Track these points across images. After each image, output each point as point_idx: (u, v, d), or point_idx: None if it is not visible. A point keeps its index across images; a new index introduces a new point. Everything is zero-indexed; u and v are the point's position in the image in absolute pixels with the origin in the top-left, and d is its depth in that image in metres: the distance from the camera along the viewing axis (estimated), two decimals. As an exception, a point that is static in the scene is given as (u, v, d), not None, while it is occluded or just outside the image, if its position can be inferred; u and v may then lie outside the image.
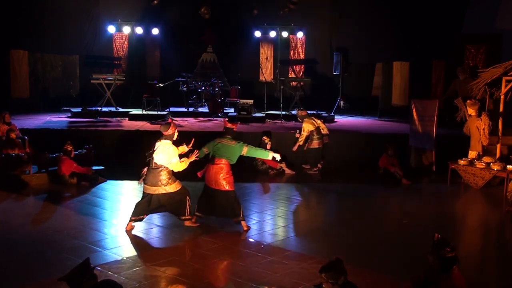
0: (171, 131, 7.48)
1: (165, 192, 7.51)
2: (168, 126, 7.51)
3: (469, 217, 9.53)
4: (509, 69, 10.57)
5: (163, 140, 7.47)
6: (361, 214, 8.91)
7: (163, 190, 7.50)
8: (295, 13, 16.69)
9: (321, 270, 4.21)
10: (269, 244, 7.29)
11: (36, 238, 7.32)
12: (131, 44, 17.41)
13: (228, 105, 16.10)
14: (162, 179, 7.46)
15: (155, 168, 7.45)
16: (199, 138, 12.60)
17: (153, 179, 7.48)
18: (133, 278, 6.02)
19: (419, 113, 12.08)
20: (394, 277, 6.21)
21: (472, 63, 15.61)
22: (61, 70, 17.19)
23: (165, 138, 7.49)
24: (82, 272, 4.10)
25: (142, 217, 7.75)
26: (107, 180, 10.59)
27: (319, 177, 11.53)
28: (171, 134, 7.51)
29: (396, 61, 16.04)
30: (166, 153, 7.39)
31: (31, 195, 9.75)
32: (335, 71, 16.52)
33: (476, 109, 10.88)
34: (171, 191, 7.53)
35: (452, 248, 4.55)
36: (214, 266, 6.38)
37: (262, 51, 18.10)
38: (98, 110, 15.18)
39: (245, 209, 8.85)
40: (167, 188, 7.51)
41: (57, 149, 10.71)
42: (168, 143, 7.45)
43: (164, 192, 7.51)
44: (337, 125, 14.67)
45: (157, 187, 7.48)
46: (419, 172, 11.74)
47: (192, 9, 17.08)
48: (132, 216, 7.64)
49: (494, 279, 6.53)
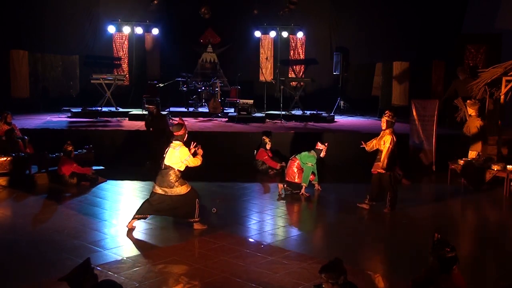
0: (182, 132, 7.64)
1: (172, 194, 7.56)
2: (180, 127, 7.67)
3: (469, 217, 9.53)
4: (509, 69, 10.57)
5: (175, 141, 7.59)
6: (361, 214, 8.91)
7: (170, 192, 7.56)
8: (295, 13, 16.68)
9: (321, 270, 4.21)
10: (269, 244, 7.29)
11: (36, 238, 7.32)
12: (131, 44, 17.40)
13: (228, 105, 16.10)
14: (170, 180, 7.53)
15: (164, 169, 7.57)
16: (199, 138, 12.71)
17: (162, 179, 7.56)
18: (133, 278, 6.02)
19: (419, 113, 12.09)
20: (394, 277, 6.22)
21: (472, 63, 15.61)
22: (61, 70, 17.19)
23: (176, 138, 7.62)
24: (83, 272, 4.10)
25: (146, 216, 7.78)
26: (107, 180, 10.59)
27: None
28: (182, 135, 7.65)
29: (396, 61, 16.03)
30: (179, 152, 7.52)
31: (31, 195, 9.75)
32: (335, 71, 16.51)
33: (476, 109, 10.88)
34: (178, 193, 7.58)
35: (452, 248, 4.55)
36: (214, 266, 6.38)
37: (262, 51, 18.09)
38: (98, 110, 15.18)
39: (245, 209, 8.88)
40: (174, 190, 7.56)
41: (57, 149, 10.72)
42: (179, 144, 7.57)
43: (171, 194, 7.56)
44: (337, 125, 14.66)
45: (164, 188, 7.56)
46: (419, 172, 11.74)
47: (192, 9, 17.07)
48: (136, 214, 7.69)
49: (494, 279, 6.53)
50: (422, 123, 11.99)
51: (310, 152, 9.90)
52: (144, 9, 16.96)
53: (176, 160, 7.52)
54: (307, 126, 14.19)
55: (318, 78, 16.91)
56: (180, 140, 7.62)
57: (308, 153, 9.89)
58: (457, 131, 11.73)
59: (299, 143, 12.74)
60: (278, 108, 15.00)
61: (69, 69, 17.30)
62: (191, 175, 8.01)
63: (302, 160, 9.80)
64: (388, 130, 8.66)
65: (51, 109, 15.77)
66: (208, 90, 15.95)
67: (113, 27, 16.63)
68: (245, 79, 17.16)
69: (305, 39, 17.85)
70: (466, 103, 11.14)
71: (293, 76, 17.91)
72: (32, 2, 15.67)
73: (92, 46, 16.96)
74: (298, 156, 9.87)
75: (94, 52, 17.04)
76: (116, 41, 17.59)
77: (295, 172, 9.77)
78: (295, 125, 14.30)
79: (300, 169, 9.77)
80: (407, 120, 12.52)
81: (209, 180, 10.66)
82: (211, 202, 9.04)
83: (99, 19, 16.77)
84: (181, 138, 7.64)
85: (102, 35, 16.95)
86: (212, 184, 10.52)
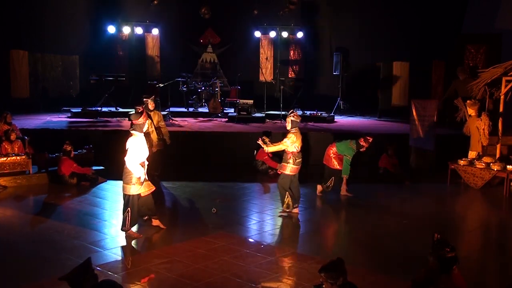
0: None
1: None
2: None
3: (469, 217, 9.53)
4: (509, 69, 10.57)
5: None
6: (361, 214, 8.91)
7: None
8: (295, 13, 16.70)
9: (321, 270, 4.21)
10: (269, 244, 7.29)
11: (36, 238, 7.33)
12: (131, 44, 17.40)
13: (228, 105, 16.10)
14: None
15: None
16: (199, 138, 12.75)
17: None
18: (133, 278, 6.02)
19: (419, 113, 12.08)
20: (394, 277, 6.22)
21: (472, 63, 15.61)
22: (61, 70, 17.20)
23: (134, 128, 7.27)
24: (83, 272, 4.10)
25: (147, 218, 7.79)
26: (107, 180, 10.59)
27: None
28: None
29: (396, 61, 16.03)
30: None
31: (31, 195, 9.75)
32: (335, 71, 16.52)
33: (476, 109, 10.88)
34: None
35: (452, 248, 4.54)
36: (214, 266, 6.38)
37: (262, 51, 18.10)
38: (98, 110, 15.18)
39: (245, 209, 8.87)
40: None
41: (57, 149, 10.72)
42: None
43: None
44: (337, 125, 14.66)
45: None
46: (419, 172, 11.74)
47: (192, 9, 17.09)
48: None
49: (494, 279, 6.53)
50: (422, 123, 11.98)
51: (351, 143, 9.51)
52: (144, 9, 16.97)
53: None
54: (307, 126, 14.19)
55: (318, 78, 16.91)
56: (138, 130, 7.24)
57: (349, 143, 9.51)
58: (457, 131, 11.73)
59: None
60: (278, 108, 15.01)
61: (69, 69, 17.31)
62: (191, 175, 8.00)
63: (339, 149, 9.56)
64: (295, 129, 8.36)
65: (51, 109, 15.77)
66: (208, 90, 15.95)
67: (113, 27, 16.63)
68: (245, 79, 17.17)
69: (305, 39, 17.85)
70: (466, 103, 11.14)
71: (293, 76, 17.92)
72: (32, 2, 15.68)
73: (92, 46, 16.97)
74: (337, 144, 9.62)
75: (94, 52, 17.05)
76: (116, 41, 17.59)
77: (331, 157, 9.67)
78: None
79: (337, 155, 9.60)
80: (407, 120, 12.51)
81: (209, 180, 10.66)
82: (211, 202, 9.05)
83: (99, 19, 16.77)
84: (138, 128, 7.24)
85: (102, 35, 16.95)
86: (212, 184, 10.51)
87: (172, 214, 8.79)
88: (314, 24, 17.46)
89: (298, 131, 8.42)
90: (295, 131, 8.36)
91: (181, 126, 13.48)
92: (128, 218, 7.25)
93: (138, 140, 7.18)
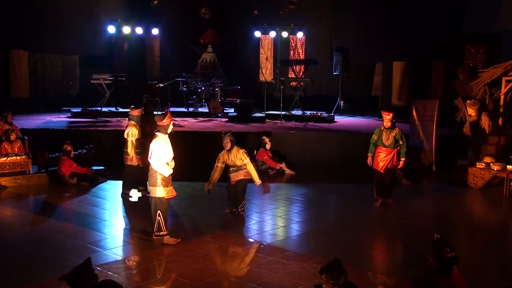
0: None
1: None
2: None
3: (469, 217, 9.52)
4: (509, 69, 10.57)
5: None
6: (361, 214, 8.91)
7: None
8: (295, 13, 16.67)
9: (321, 270, 4.20)
10: (269, 244, 7.29)
11: (36, 238, 7.33)
12: (131, 44, 17.40)
13: (228, 105, 16.10)
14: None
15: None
16: (199, 138, 12.74)
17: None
18: (133, 278, 6.02)
19: (419, 113, 12.09)
20: (394, 277, 6.22)
21: (472, 63, 15.60)
22: (61, 70, 17.19)
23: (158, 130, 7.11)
24: (83, 272, 4.09)
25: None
26: (107, 180, 10.60)
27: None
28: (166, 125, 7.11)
29: (396, 61, 16.03)
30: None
31: (31, 195, 9.75)
32: (335, 71, 16.51)
33: (476, 109, 10.88)
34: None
35: (452, 248, 4.55)
36: (214, 266, 6.38)
37: (262, 51, 18.09)
38: (98, 110, 15.18)
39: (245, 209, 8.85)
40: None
41: (57, 149, 10.72)
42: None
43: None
44: (337, 125, 14.66)
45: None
46: (419, 172, 11.74)
47: (192, 9, 17.08)
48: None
49: (494, 279, 6.53)
50: (422, 123, 11.99)
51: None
52: (144, 9, 16.96)
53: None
54: (307, 126, 14.18)
55: (318, 78, 16.90)
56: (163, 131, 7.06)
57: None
58: (457, 131, 11.73)
59: (299, 143, 12.77)
60: (278, 108, 15.00)
61: (69, 69, 17.30)
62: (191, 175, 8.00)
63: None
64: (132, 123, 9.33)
65: (51, 109, 15.77)
66: (208, 90, 15.95)
67: (113, 27, 16.63)
68: (245, 79, 17.13)
69: (305, 39, 17.84)
70: (466, 103, 11.14)
71: (293, 76, 17.91)
72: (32, 2, 15.67)
73: (92, 46, 16.96)
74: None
75: (94, 52, 17.04)
76: (116, 41, 17.58)
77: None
78: (295, 125, 14.29)
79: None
80: (407, 120, 12.51)
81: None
82: (211, 202, 9.05)
83: (99, 19, 16.76)
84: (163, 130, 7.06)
85: (102, 35, 16.95)
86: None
87: (172, 214, 8.78)
88: (314, 24, 17.45)
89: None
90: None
91: (181, 126, 13.47)
92: (162, 222, 7.02)
93: (162, 141, 7.02)
